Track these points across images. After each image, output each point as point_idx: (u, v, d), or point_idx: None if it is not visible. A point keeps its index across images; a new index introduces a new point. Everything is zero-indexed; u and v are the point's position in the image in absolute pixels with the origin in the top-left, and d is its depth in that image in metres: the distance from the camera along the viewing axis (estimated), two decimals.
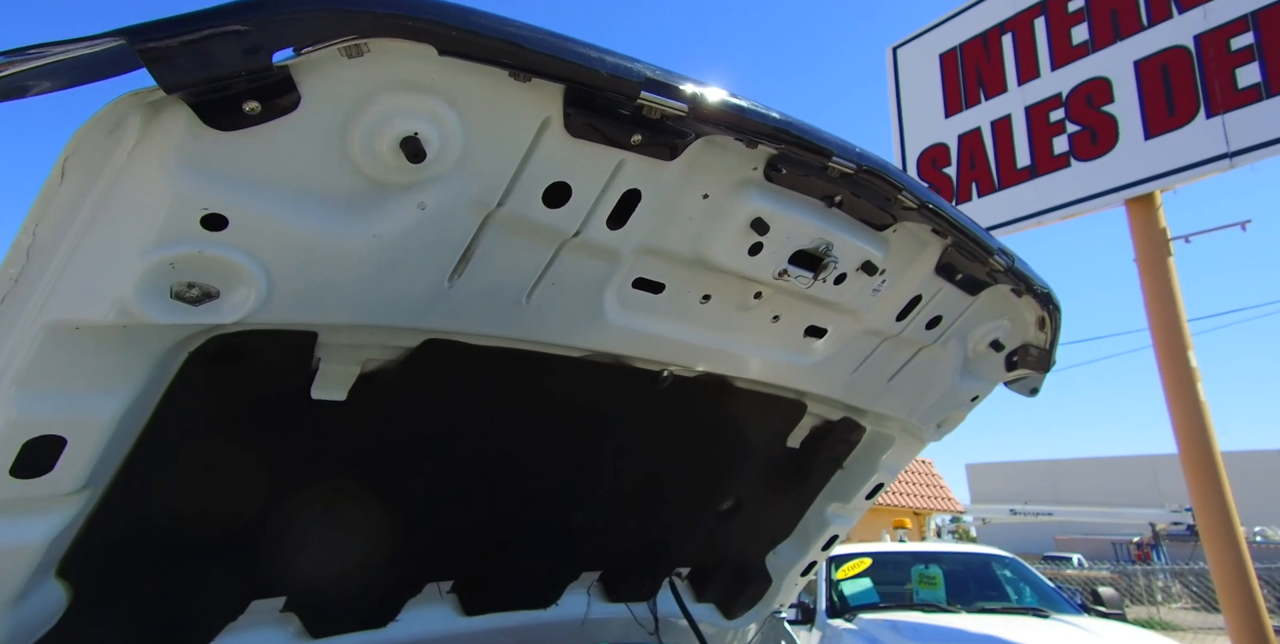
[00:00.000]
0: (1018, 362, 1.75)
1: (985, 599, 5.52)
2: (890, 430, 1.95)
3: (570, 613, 1.80)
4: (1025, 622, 4.80)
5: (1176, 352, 5.00)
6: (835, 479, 2.06)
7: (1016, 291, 1.56)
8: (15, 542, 0.86)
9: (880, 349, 1.62)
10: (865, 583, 6.20)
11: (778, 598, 2.23)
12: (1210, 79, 5.44)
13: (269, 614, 1.33)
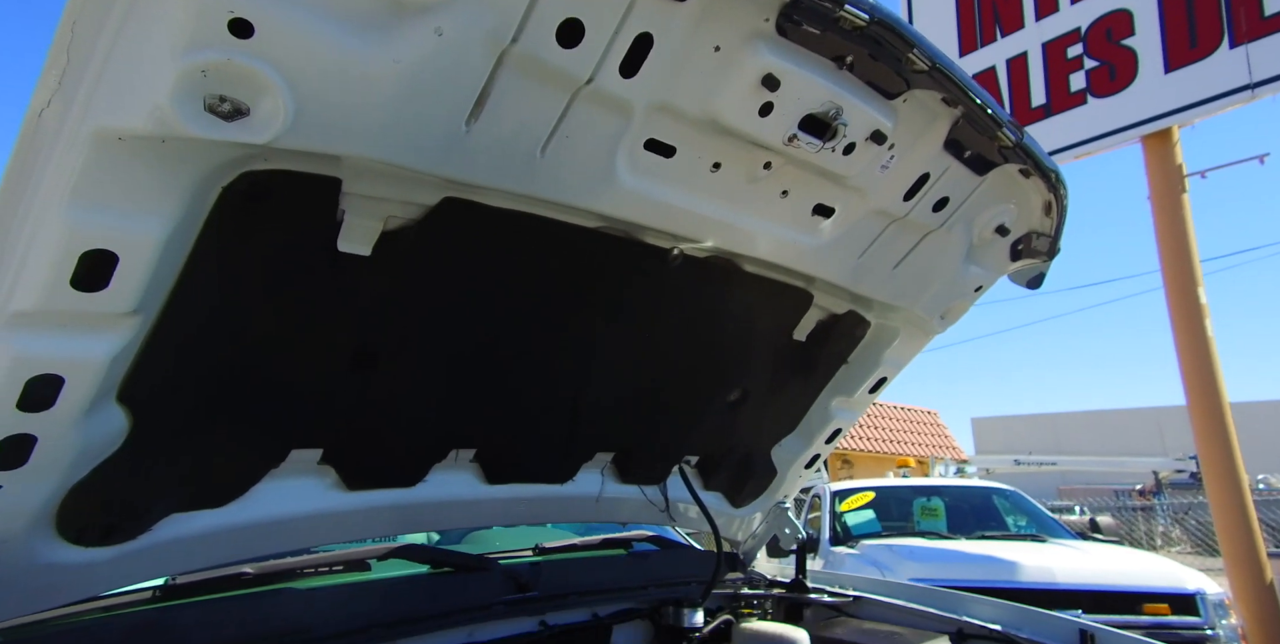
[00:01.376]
0: (1022, 250, 1.80)
1: (985, 528, 5.70)
2: (895, 323, 2.01)
3: (585, 490, 1.91)
4: (1022, 545, 4.98)
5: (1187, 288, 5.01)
6: (839, 374, 2.13)
7: (1024, 172, 1.60)
8: (81, 356, 0.93)
9: (886, 233, 1.67)
10: (868, 514, 6.40)
11: (782, 489, 2.34)
12: (1236, 7, 5.28)
13: (308, 464, 1.43)
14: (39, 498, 1.03)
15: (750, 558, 2.44)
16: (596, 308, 1.59)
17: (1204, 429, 4.85)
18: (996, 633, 1.81)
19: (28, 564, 1.09)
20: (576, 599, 1.78)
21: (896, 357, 2.09)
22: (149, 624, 1.29)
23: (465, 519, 1.71)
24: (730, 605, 2.19)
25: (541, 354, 1.59)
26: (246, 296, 1.14)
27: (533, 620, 1.70)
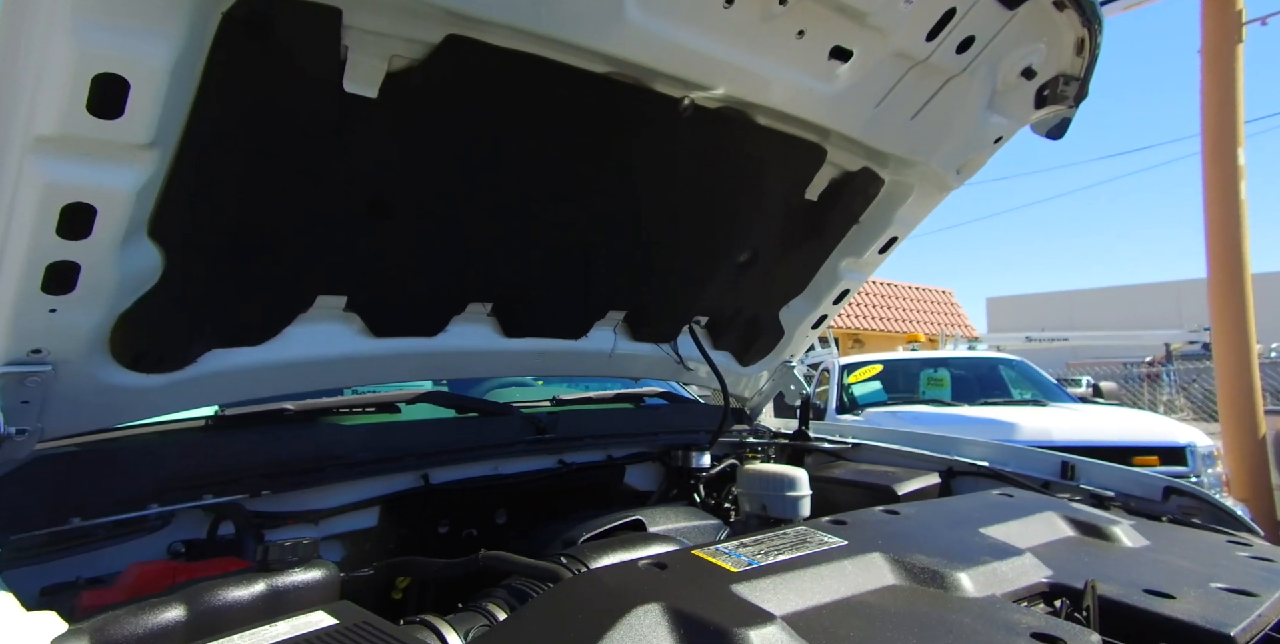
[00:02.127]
0: (1048, 96, 1.72)
1: (988, 396, 5.90)
2: (909, 179, 1.98)
3: (598, 347, 2.00)
4: (1022, 409, 5.19)
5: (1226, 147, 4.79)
6: (850, 234, 2.13)
7: (1058, 4, 1.49)
8: (108, 185, 0.97)
9: (906, 79, 1.60)
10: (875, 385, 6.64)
11: (789, 348, 2.42)
12: None
13: (334, 311, 1.51)
14: (91, 323, 1.12)
15: (756, 413, 2.58)
16: (607, 161, 1.58)
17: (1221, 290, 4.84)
18: (984, 468, 1.95)
19: (92, 384, 1.21)
20: (592, 442, 1.93)
21: (910, 215, 2.08)
22: (205, 444, 1.44)
23: (485, 369, 1.82)
24: (735, 452, 2.36)
25: (552, 209, 1.61)
26: (258, 137, 1.16)
27: (552, 459, 1.85)
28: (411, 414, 1.83)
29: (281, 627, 0.82)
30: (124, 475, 1.26)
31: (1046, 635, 0.85)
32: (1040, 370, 6.43)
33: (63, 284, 1.02)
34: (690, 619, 0.83)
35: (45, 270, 1.00)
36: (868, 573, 1.02)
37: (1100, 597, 0.99)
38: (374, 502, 1.52)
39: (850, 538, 1.13)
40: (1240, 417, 4.83)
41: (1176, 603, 0.98)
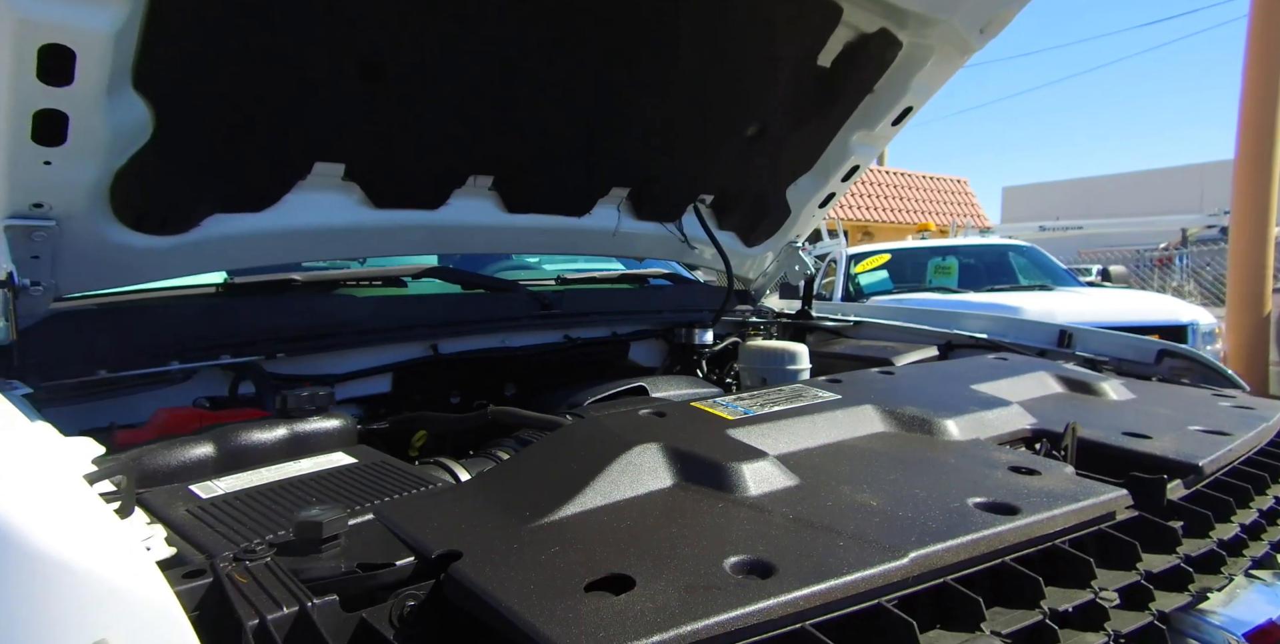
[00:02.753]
0: None
1: (996, 283, 5.89)
2: (929, 41, 1.86)
3: (602, 224, 1.98)
4: (1028, 294, 5.19)
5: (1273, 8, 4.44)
6: (864, 104, 2.04)
7: None
8: (83, 25, 0.94)
9: None
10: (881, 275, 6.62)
11: (795, 228, 2.40)
12: None
13: (333, 179, 1.50)
14: (88, 178, 1.13)
15: (760, 294, 2.60)
16: (609, 25, 1.49)
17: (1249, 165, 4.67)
18: (982, 340, 1.99)
19: (99, 243, 1.24)
20: (597, 318, 1.96)
21: (927, 82, 1.97)
22: (218, 308, 1.49)
23: (488, 245, 1.82)
24: (738, 331, 2.40)
25: (552, 76, 1.54)
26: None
27: (557, 334, 1.90)
28: (418, 289, 1.86)
29: (305, 463, 0.89)
30: (144, 333, 1.32)
31: (1023, 468, 0.90)
32: (1051, 257, 6.38)
33: (53, 134, 1.02)
34: (687, 456, 0.88)
35: (33, 119, 1.00)
36: (859, 421, 1.07)
37: (1079, 438, 1.04)
38: (386, 369, 1.58)
39: (844, 393, 1.17)
40: (1247, 294, 4.82)
41: (1152, 442, 1.03)
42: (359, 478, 0.89)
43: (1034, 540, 0.76)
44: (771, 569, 0.65)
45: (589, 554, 0.68)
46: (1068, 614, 0.74)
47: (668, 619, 0.57)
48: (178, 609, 0.47)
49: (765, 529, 0.73)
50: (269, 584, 0.59)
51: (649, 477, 0.85)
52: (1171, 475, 0.93)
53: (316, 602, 0.57)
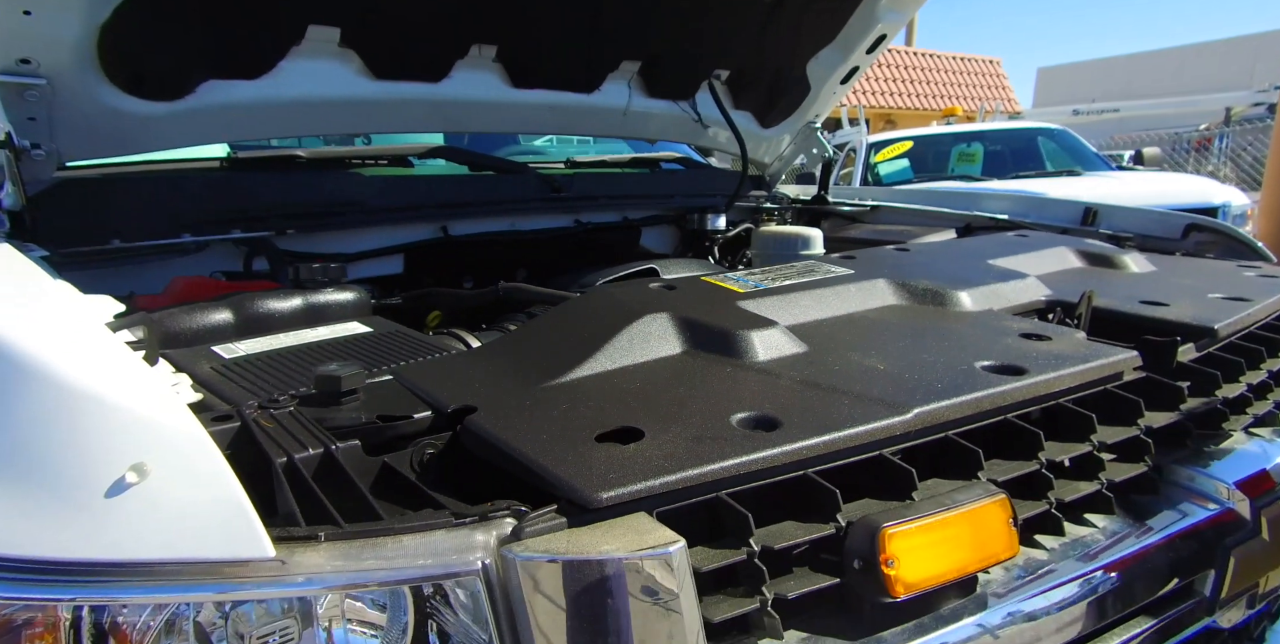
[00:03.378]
0: None
1: (1022, 169, 5.66)
2: None
3: (612, 102, 1.89)
4: (1054, 180, 5.00)
5: None
6: None
7: None
8: None
9: None
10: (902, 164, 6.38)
11: (814, 108, 2.28)
12: None
13: (329, 45, 1.43)
14: (72, 33, 1.10)
15: (775, 180, 2.52)
16: None
17: None
18: (1002, 221, 1.94)
19: (95, 107, 1.22)
20: (608, 202, 1.92)
21: None
22: (224, 181, 1.48)
23: (494, 122, 1.76)
24: (751, 217, 2.35)
25: None
26: None
27: (568, 218, 1.87)
28: (425, 170, 1.82)
29: (321, 331, 0.91)
30: (154, 204, 1.33)
31: (1035, 334, 0.90)
32: (1082, 140, 6.07)
33: None
34: (696, 324, 0.88)
35: None
36: (870, 294, 1.06)
37: (1095, 307, 1.03)
38: (397, 250, 1.58)
39: (857, 269, 1.16)
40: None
41: (1169, 308, 1.02)
42: (375, 344, 0.91)
43: (1038, 399, 0.78)
44: (777, 423, 0.67)
45: (599, 410, 0.70)
46: (1064, 465, 0.76)
47: (675, 464, 0.59)
48: (210, 440, 0.50)
49: (772, 390, 0.75)
50: (294, 429, 0.62)
51: (659, 343, 0.86)
52: (1186, 339, 0.93)
53: (340, 445, 0.60)
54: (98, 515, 0.46)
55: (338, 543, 0.49)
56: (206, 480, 0.48)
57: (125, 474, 0.46)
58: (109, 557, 0.45)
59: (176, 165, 1.51)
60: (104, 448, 0.48)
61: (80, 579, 0.45)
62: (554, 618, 0.51)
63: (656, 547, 0.52)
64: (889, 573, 0.60)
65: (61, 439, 0.49)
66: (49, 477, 0.47)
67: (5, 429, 0.49)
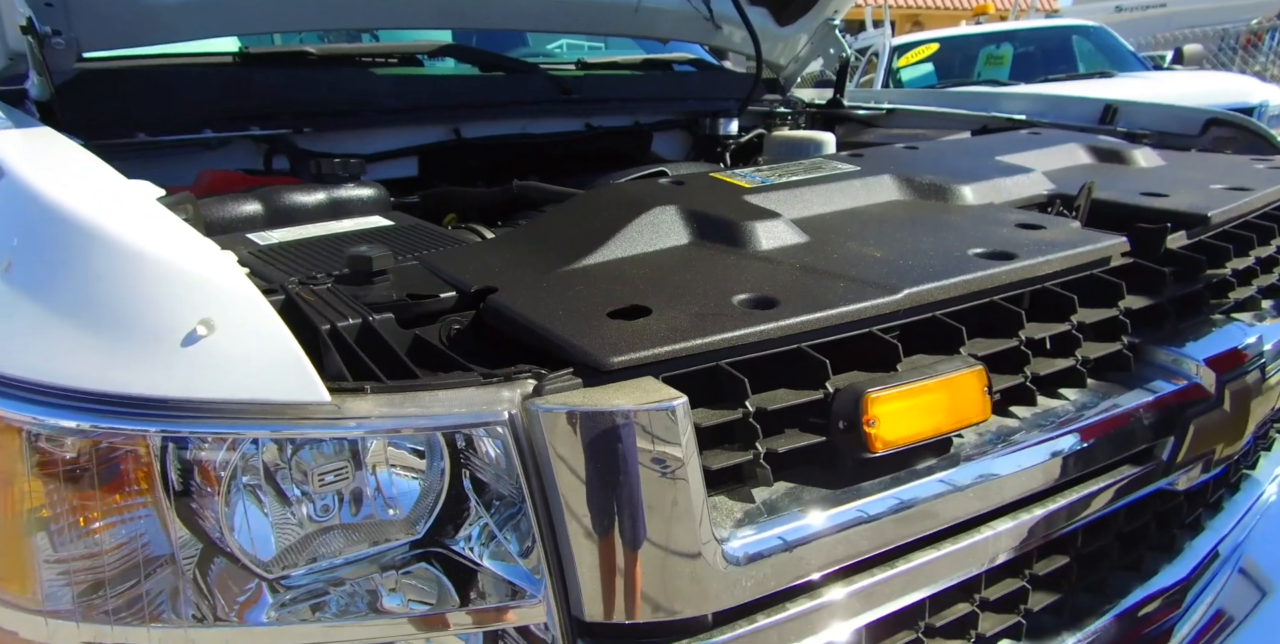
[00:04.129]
0: None
1: (1052, 72, 5.40)
2: None
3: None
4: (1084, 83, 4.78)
5: None
6: None
7: None
8: None
9: None
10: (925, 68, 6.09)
11: (832, 3, 2.19)
12: None
13: None
14: None
15: (790, 83, 2.45)
16: None
17: None
18: (1019, 121, 1.90)
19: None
20: (618, 105, 1.90)
21: None
22: (240, 78, 1.50)
23: (503, 18, 1.73)
24: (764, 122, 2.32)
25: None
26: None
27: (579, 121, 1.86)
28: (435, 69, 1.81)
29: (346, 223, 0.96)
30: (174, 97, 1.36)
31: (1030, 224, 0.93)
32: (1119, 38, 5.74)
33: None
34: (703, 216, 0.92)
35: None
36: (875, 190, 1.09)
37: (1094, 199, 1.05)
38: (411, 151, 1.61)
39: (864, 165, 1.17)
40: None
41: (1168, 199, 1.04)
42: (398, 235, 0.96)
43: (1025, 282, 0.82)
44: (775, 302, 0.72)
45: (610, 292, 0.75)
46: (1044, 344, 0.82)
47: (680, 335, 0.65)
48: (266, 301, 0.56)
49: (773, 274, 0.80)
50: (333, 303, 0.68)
51: (667, 234, 0.90)
52: (1179, 227, 0.95)
53: (377, 317, 0.67)
54: (175, 361, 0.53)
55: (382, 394, 0.56)
56: (266, 335, 0.55)
57: (196, 327, 0.53)
58: (189, 395, 0.52)
59: (191, 60, 1.53)
60: (178, 305, 0.55)
61: (165, 413, 0.52)
62: (572, 463, 0.58)
63: (662, 401, 0.59)
64: (870, 432, 0.67)
65: (142, 296, 0.55)
66: (133, 328, 0.54)
67: (93, 288, 0.56)
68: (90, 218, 0.60)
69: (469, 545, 0.61)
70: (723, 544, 0.62)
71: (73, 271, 0.59)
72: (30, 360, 0.54)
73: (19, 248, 0.64)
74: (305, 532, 0.57)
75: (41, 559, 0.54)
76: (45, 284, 0.60)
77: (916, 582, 0.70)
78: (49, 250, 0.62)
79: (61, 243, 0.61)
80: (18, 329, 0.57)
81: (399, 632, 0.59)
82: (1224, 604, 1.00)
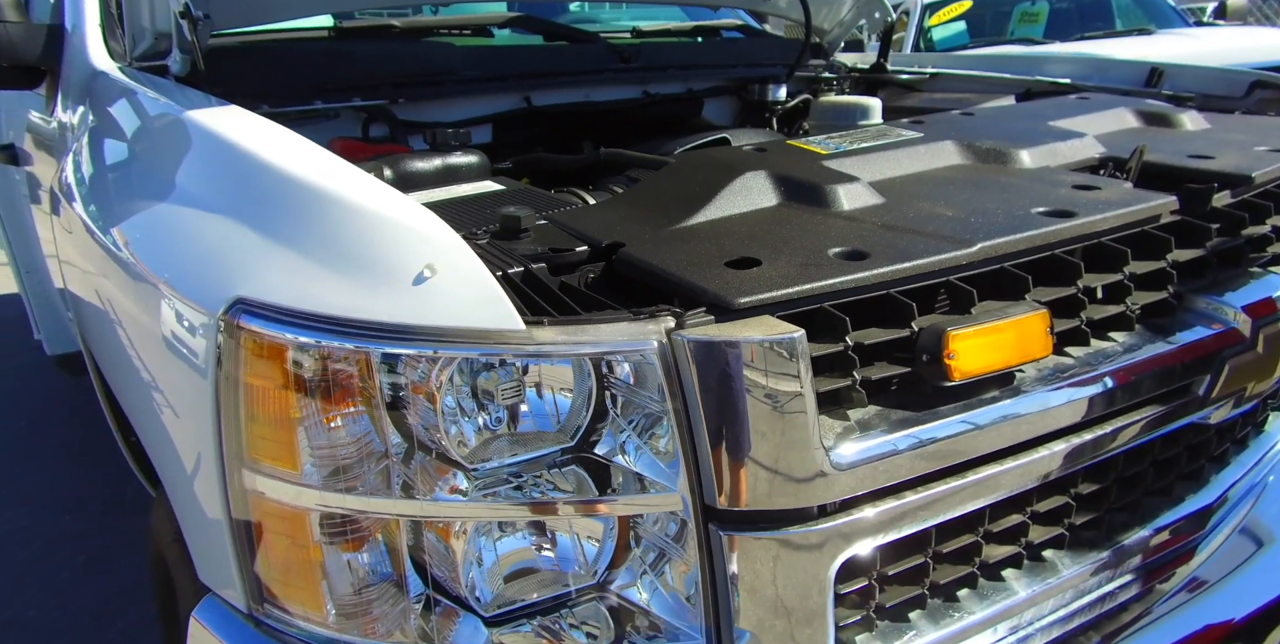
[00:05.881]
0: None
1: (1089, 29, 5.30)
2: None
3: None
4: (1121, 41, 4.71)
5: None
6: None
7: None
8: None
9: None
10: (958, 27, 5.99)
11: None
12: None
13: None
14: None
15: (834, 47, 2.50)
16: None
17: None
18: (1063, 85, 1.96)
19: None
20: (674, 73, 1.99)
21: None
22: (336, 48, 1.64)
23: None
24: (809, 87, 2.38)
25: None
26: None
27: (636, 89, 1.95)
28: (503, 40, 1.91)
29: (465, 188, 1.08)
30: (288, 71, 1.48)
31: (1085, 185, 1.02)
32: None
33: None
34: (790, 180, 1.03)
35: None
36: (939, 154, 1.18)
37: (1144, 161, 1.14)
38: (488, 119, 1.73)
39: (927, 132, 1.26)
40: None
41: (1214, 160, 1.12)
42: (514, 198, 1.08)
43: (1083, 237, 0.92)
44: (865, 255, 0.83)
45: (720, 246, 0.87)
46: (1097, 292, 0.92)
47: (790, 281, 0.77)
48: (470, 249, 0.69)
49: (859, 231, 0.91)
50: (494, 255, 0.82)
51: (759, 196, 1.01)
52: (1224, 187, 1.04)
53: (535, 266, 0.79)
54: (410, 296, 0.66)
55: (558, 326, 0.69)
56: (474, 278, 0.68)
57: (423, 270, 0.66)
58: (423, 322, 0.66)
59: (296, 34, 1.66)
60: (410, 253, 0.69)
61: (400, 336, 0.66)
62: (711, 382, 0.71)
63: (784, 333, 0.71)
64: (949, 364, 0.79)
65: (381, 246, 0.70)
66: (375, 270, 0.69)
67: (340, 241, 0.71)
68: (333, 187, 0.75)
69: (617, 448, 0.74)
70: (829, 451, 0.74)
71: (324, 228, 0.73)
72: (294, 294, 0.68)
73: (271, 210, 0.78)
74: (490, 435, 0.71)
75: (301, 447, 0.69)
76: (298, 237, 0.74)
77: (980, 492, 0.83)
78: (295, 212, 0.76)
79: (310, 206, 0.75)
80: (277, 270, 0.71)
81: (562, 512, 0.73)
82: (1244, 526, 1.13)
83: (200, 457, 0.75)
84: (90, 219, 1.05)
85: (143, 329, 0.86)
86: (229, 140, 0.88)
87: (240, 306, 0.70)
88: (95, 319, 1.08)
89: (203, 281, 0.76)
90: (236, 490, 0.73)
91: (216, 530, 0.76)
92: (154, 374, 0.85)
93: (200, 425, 0.73)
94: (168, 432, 0.83)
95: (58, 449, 2.81)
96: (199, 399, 0.73)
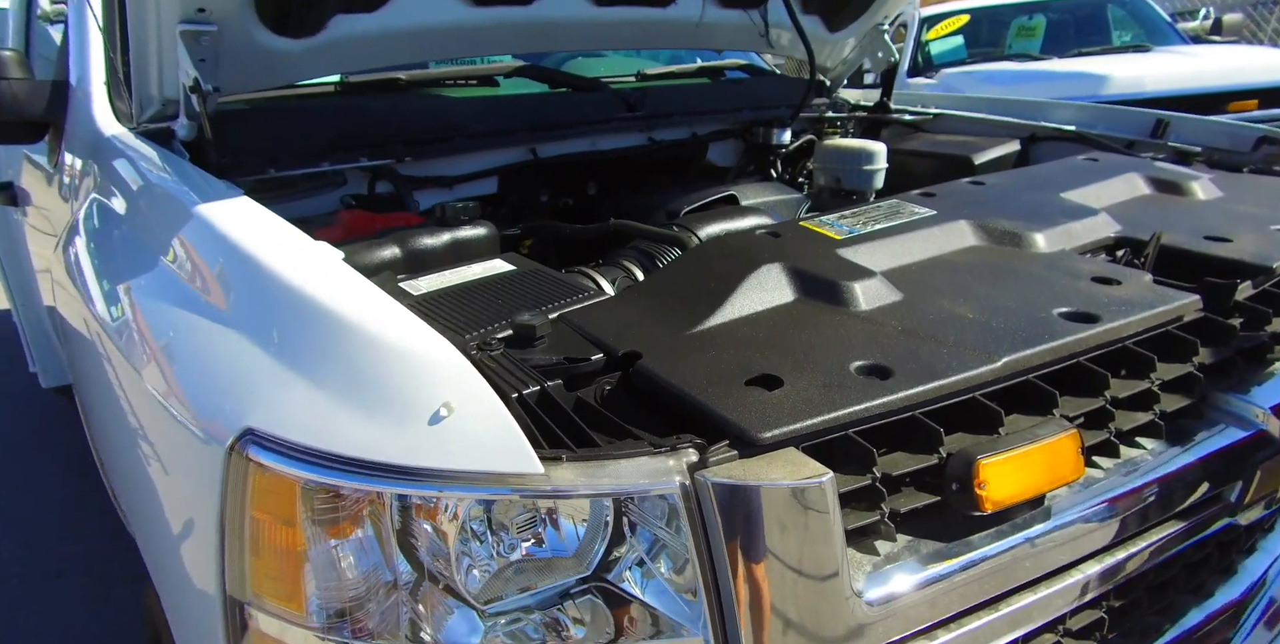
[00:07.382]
0: None
1: (1085, 44, 5.31)
2: None
3: (686, 14, 1.89)
4: (1118, 58, 4.71)
5: None
6: None
7: None
8: None
9: None
10: (955, 41, 6.00)
11: (883, 9, 2.21)
12: None
13: None
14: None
15: (837, 85, 2.49)
16: None
17: None
18: (1068, 133, 1.94)
19: (249, 45, 1.36)
20: (680, 119, 1.97)
21: None
22: (345, 106, 1.62)
23: (579, 41, 1.82)
24: (814, 127, 2.36)
25: None
26: None
27: (642, 135, 1.93)
28: (509, 88, 1.89)
29: (476, 268, 1.07)
30: (296, 133, 1.48)
31: (1104, 278, 1.01)
32: (1155, 7, 5.61)
33: None
34: (806, 275, 1.01)
35: None
36: (953, 236, 1.16)
37: (1162, 245, 1.12)
38: (494, 171, 1.72)
39: (938, 208, 1.24)
40: None
41: (1231, 245, 1.11)
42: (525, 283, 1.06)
43: (1109, 344, 0.90)
44: (889, 372, 0.81)
45: (740, 357, 0.84)
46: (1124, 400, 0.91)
47: (814, 409, 0.75)
48: (488, 386, 0.67)
49: (879, 338, 0.88)
50: (510, 369, 0.80)
51: (775, 293, 0.99)
52: (1244, 277, 1.03)
53: (550, 383, 0.77)
54: (427, 436, 0.65)
55: (576, 464, 0.67)
56: (491, 414, 0.66)
57: (440, 409, 0.65)
58: (440, 465, 0.64)
59: (298, 93, 1.65)
60: (428, 389, 0.67)
61: (415, 477, 0.65)
62: (737, 526, 0.68)
63: (813, 476, 0.69)
64: (980, 493, 0.77)
65: (396, 383, 0.68)
66: (390, 408, 0.67)
67: (355, 374, 0.70)
68: (354, 315, 0.74)
69: (635, 581, 0.72)
70: (861, 596, 0.72)
71: (342, 358, 0.72)
72: (306, 427, 0.67)
73: (288, 332, 0.77)
74: (502, 570, 0.69)
75: (308, 585, 0.67)
76: (314, 364, 0.72)
77: (1017, 622, 0.81)
78: (312, 339, 0.75)
79: (329, 334, 0.74)
80: (290, 400, 0.70)
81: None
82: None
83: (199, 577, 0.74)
84: (100, 315, 1.04)
85: (147, 447, 0.84)
86: (250, 253, 0.86)
87: (250, 438, 0.69)
88: (100, 421, 1.07)
89: (214, 406, 0.75)
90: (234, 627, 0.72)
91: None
92: (160, 492, 0.84)
93: (203, 554, 0.73)
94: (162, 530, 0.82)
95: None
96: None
